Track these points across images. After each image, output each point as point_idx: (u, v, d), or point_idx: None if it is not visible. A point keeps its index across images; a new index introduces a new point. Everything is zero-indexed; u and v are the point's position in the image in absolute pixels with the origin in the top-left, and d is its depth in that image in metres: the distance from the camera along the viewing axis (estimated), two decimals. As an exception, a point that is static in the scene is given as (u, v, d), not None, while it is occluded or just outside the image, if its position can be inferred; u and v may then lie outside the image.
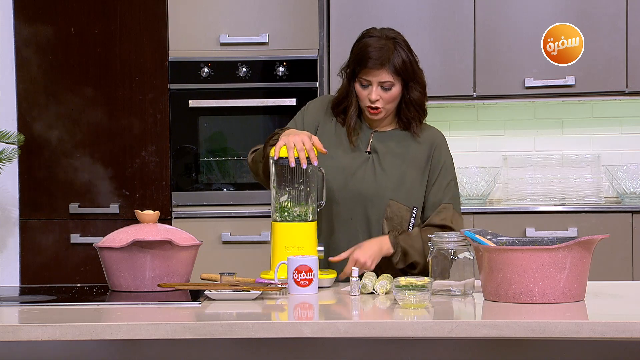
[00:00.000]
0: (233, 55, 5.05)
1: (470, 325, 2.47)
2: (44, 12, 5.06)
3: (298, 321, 2.51)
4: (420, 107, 3.29)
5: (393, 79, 3.20)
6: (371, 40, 3.22)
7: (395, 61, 3.19)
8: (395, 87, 3.22)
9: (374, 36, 3.23)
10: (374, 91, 3.21)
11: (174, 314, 2.64)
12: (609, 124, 5.36)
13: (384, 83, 3.20)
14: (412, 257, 3.19)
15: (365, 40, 3.24)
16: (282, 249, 3.08)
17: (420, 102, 3.28)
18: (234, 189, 5.07)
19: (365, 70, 3.20)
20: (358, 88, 3.25)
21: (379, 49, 3.19)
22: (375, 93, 3.21)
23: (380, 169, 3.28)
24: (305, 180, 3.10)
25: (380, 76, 3.19)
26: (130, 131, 5.04)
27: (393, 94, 3.23)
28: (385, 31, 3.25)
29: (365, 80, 3.22)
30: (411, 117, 3.29)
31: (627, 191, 5.10)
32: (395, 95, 3.23)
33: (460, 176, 5.14)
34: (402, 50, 3.21)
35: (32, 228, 5.07)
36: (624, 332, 2.42)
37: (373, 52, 3.18)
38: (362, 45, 3.23)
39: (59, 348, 2.74)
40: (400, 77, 3.21)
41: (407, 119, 3.30)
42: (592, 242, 2.71)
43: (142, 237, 2.97)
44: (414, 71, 3.23)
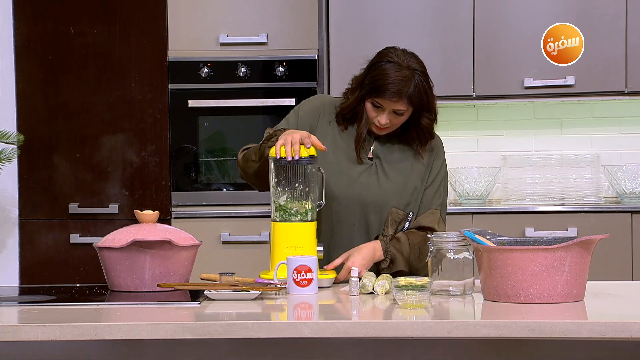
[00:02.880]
0: (233, 55, 5.05)
1: (469, 325, 2.47)
2: (43, 12, 5.06)
3: (298, 321, 2.51)
4: (429, 133, 3.29)
5: (406, 108, 3.20)
6: (390, 69, 3.16)
7: (412, 92, 3.16)
8: (406, 114, 3.22)
9: (394, 62, 3.17)
10: (384, 116, 3.21)
11: (173, 314, 2.64)
12: (608, 124, 5.36)
13: (397, 110, 3.20)
14: (398, 265, 3.19)
15: (384, 66, 3.18)
16: (282, 249, 3.08)
17: (429, 129, 3.28)
18: (233, 189, 5.07)
19: (381, 99, 3.19)
20: (369, 107, 3.23)
21: (398, 82, 3.15)
22: (385, 118, 3.21)
23: (384, 176, 3.28)
24: (304, 180, 3.10)
25: (396, 105, 3.18)
26: (129, 131, 5.04)
27: (402, 119, 3.24)
28: (407, 58, 3.19)
29: (378, 103, 3.21)
30: (417, 139, 3.29)
31: (627, 191, 5.10)
32: (404, 119, 3.24)
33: (459, 176, 5.16)
34: (421, 80, 3.17)
35: (32, 228, 5.07)
36: (624, 332, 2.42)
37: (392, 85, 3.15)
38: (380, 71, 3.18)
39: (59, 348, 2.74)
40: (413, 107, 3.20)
41: (410, 138, 3.30)
42: (592, 242, 2.71)
43: (141, 237, 2.97)
44: (428, 101, 3.21)
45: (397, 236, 3.22)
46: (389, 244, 3.19)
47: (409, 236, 3.22)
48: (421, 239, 3.21)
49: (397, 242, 3.20)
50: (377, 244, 3.19)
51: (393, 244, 3.19)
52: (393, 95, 3.16)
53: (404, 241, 3.20)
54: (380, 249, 3.18)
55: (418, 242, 3.20)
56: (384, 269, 3.18)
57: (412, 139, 3.30)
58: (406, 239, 3.21)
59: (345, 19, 5.07)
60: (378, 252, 3.18)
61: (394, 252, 3.18)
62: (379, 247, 3.18)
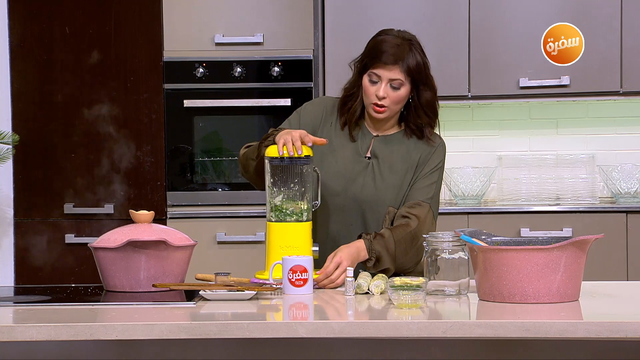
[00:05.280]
0: (228, 55, 5.05)
1: (464, 325, 2.47)
2: (38, 11, 5.06)
3: (293, 321, 2.51)
4: (432, 110, 3.27)
5: (403, 79, 3.19)
6: (388, 37, 3.22)
7: (409, 61, 3.18)
8: (404, 88, 3.20)
9: (391, 34, 3.23)
10: (382, 88, 3.19)
11: (168, 314, 2.64)
12: (603, 124, 5.37)
13: (394, 81, 3.19)
14: (384, 264, 3.16)
15: (381, 37, 3.24)
16: (277, 249, 3.08)
17: (432, 104, 3.26)
18: (229, 189, 5.07)
19: (378, 65, 3.18)
20: (366, 83, 3.23)
21: (394, 46, 3.18)
22: (383, 90, 3.20)
23: (380, 176, 3.28)
24: (300, 180, 3.10)
25: (392, 73, 3.18)
26: (125, 131, 5.03)
27: (401, 94, 3.21)
28: (402, 32, 3.25)
29: (375, 75, 3.20)
30: (422, 122, 3.28)
31: (622, 191, 5.10)
32: (403, 96, 3.22)
33: (455, 176, 5.16)
34: (417, 52, 3.20)
35: (27, 228, 5.06)
36: (619, 332, 2.42)
37: (388, 48, 3.18)
38: (378, 40, 3.23)
39: (54, 348, 2.74)
40: (410, 79, 3.20)
41: (416, 125, 3.28)
42: (587, 242, 2.71)
43: (136, 237, 2.97)
44: (426, 75, 3.23)
45: (381, 232, 3.18)
46: (373, 242, 3.15)
47: (393, 232, 3.18)
48: (406, 233, 3.17)
49: (381, 239, 3.15)
50: (361, 243, 3.15)
51: (377, 241, 3.15)
52: (389, 59, 3.16)
53: (389, 237, 3.16)
54: (364, 248, 3.15)
55: (403, 237, 3.17)
56: (370, 267, 3.16)
57: (418, 126, 3.28)
58: (390, 234, 3.16)
59: (341, 19, 5.07)
60: (362, 252, 3.14)
61: (379, 250, 3.14)
62: (363, 247, 3.14)
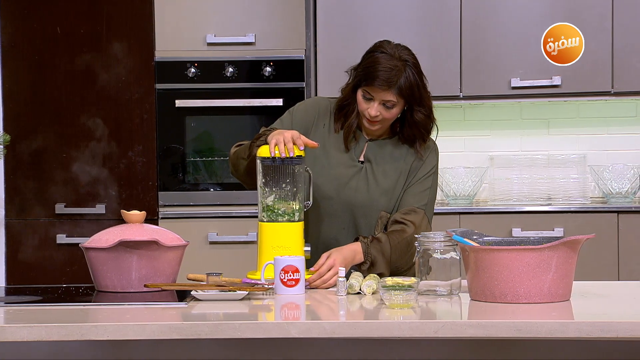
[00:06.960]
0: (220, 55, 5.05)
1: (456, 325, 2.47)
2: (30, 12, 5.05)
3: (285, 321, 2.51)
4: (425, 129, 3.27)
5: (396, 100, 3.18)
6: (382, 58, 3.17)
7: (403, 84, 3.15)
8: (397, 107, 3.20)
9: (386, 53, 3.18)
10: (374, 107, 3.19)
11: (160, 314, 2.64)
12: (594, 124, 5.38)
13: (387, 102, 3.18)
14: (379, 268, 3.16)
15: (376, 55, 3.19)
16: (269, 249, 3.08)
17: (425, 124, 3.26)
18: (220, 189, 5.07)
19: (371, 87, 3.18)
20: (360, 98, 3.22)
21: (388, 70, 3.15)
22: (375, 109, 3.19)
23: (373, 180, 3.28)
24: (292, 181, 3.10)
25: (385, 95, 3.17)
26: (116, 131, 5.03)
27: (393, 113, 3.21)
28: (399, 50, 3.20)
29: (368, 94, 3.20)
30: (414, 135, 3.28)
31: (613, 191, 5.11)
32: (395, 114, 3.22)
33: (446, 176, 5.16)
34: (412, 73, 3.17)
35: (18, 228, 5.05)
36: (610, 332, 2.43)
37: (382, 73, 3.14)
38: (372, 60, 3.18)
39: (45, 349, 2.73)
40: (404, 99, 3.19)
41: (409, 136, 3.29)
42: (578, 242, 2.72)
43: (128, 238, 2.97)
44: (420, 95, 3.21)
45: (377, 236, 3.19)
46: (369, 245, 3.16)
47: (390, 236, 3.19)
48: (402, 239, 3.18)
49: (378, 243, 3.17)
50: (358, 246, 3.16)
51: (374, 245, 3.16)
52: (382, 84, 3.15)
53: (385, 242, 3.18)
54: (360, 251, 3.16)
55: (399, 243, 3.18)
56: (364, 270, 3.17)
57: (410, 138, 3.29)
58: (387, 239, 3.18)
59: (333, 19, 5.07)
60: (358, 254, 3.15)
61: (374, 254, 3.15)
62: (359, 250, 3.15)
